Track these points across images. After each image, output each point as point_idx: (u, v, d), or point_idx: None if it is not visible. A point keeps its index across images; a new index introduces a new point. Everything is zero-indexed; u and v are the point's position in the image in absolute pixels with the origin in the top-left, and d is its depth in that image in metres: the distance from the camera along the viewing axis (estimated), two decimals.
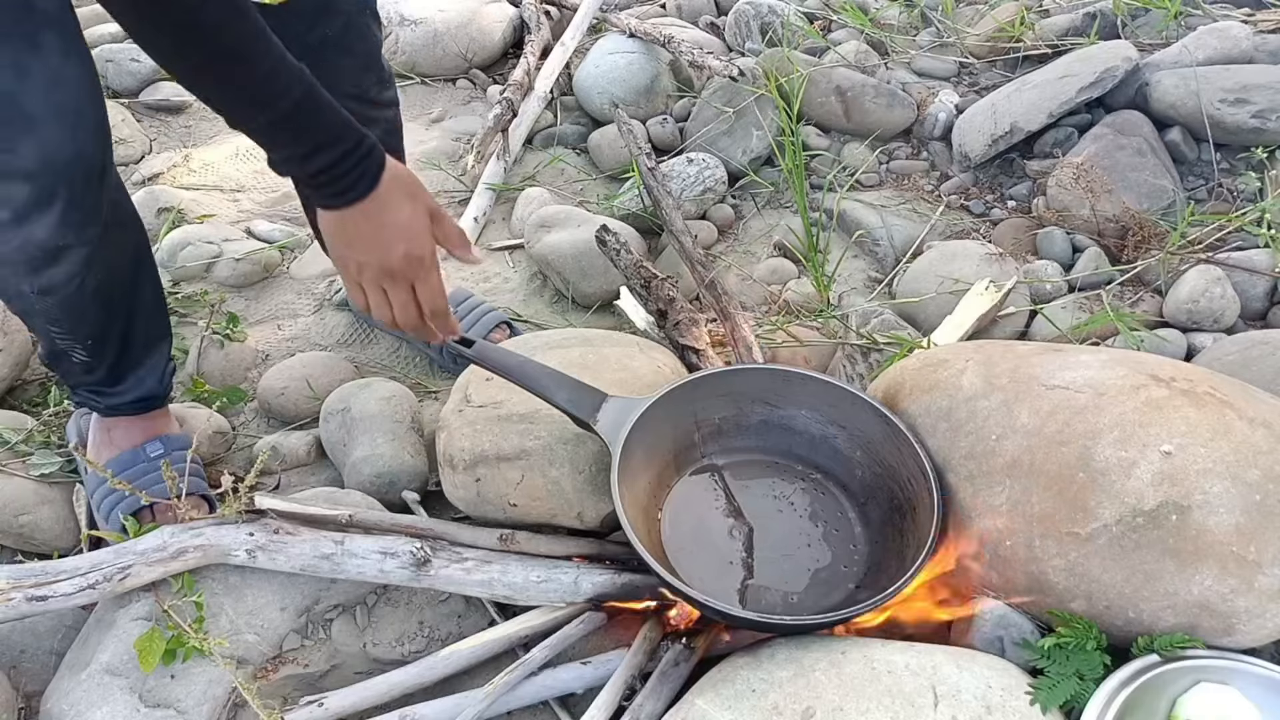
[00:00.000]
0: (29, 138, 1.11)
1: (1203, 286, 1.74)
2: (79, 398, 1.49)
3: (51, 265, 1.23)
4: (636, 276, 1.74)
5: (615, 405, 1.30)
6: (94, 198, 1.22)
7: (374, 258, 1.13)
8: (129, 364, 1.44)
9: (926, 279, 1.90)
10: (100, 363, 1.41)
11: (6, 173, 1.13)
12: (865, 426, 1.35)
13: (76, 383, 1.46)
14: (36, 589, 1.20)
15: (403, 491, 1.53)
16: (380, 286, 1.15)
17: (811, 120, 2.40)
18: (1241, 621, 1.07)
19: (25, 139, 1.11)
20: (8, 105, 1.09)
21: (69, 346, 1.37)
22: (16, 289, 1.27)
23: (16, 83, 1.09)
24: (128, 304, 1.39)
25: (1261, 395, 1.22)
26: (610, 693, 1.18)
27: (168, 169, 2.45)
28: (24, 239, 1.18)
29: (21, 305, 1.32)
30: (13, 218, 1.17)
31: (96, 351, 1.39)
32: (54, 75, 1.11)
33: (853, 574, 1.29)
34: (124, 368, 1.44)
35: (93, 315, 1.34)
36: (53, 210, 1.17)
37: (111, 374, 1.43)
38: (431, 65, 2.78)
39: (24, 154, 1.12)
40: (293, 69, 1.05)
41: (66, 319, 1.32)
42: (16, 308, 1.35)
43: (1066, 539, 1.11)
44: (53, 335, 1.35)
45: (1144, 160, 2.01)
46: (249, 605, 1.31)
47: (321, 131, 1.07)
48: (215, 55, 0.99)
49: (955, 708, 1.04)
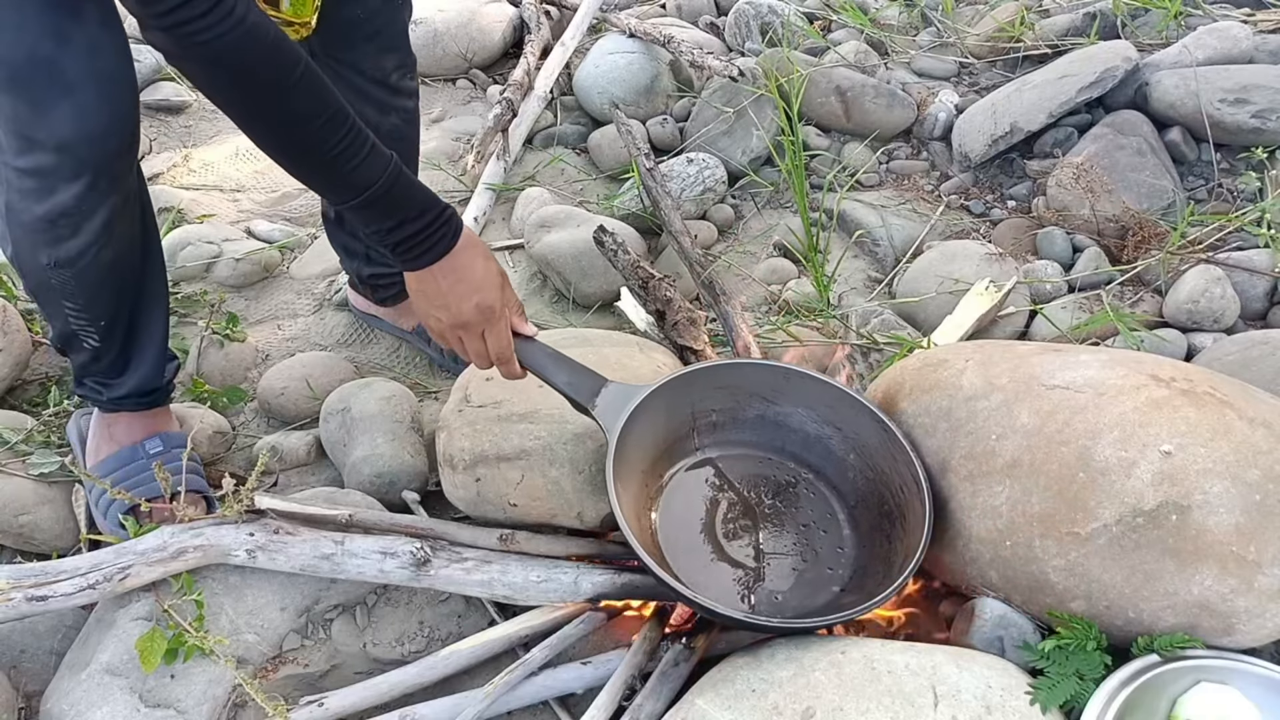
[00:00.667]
0: (65, 104, 1.13)
1: (1203, 286, 1.74)
2: (82, 391, 1.49)
3: (73, 236, 1.25)
4: (634, 277, 1.74)
5: (614, 391, 1.30)
6: (124, 164, 1.24)
7: (447, 312, 1.23)
8: (133, 352, 1.44)
9: (926, 279, 1.90)
10: (110, 346, 1.41)
11: (38, 140, 1.15)
12: (861, 430, 1.35)
13: (84, 372, 1.46)
14: (36, 589, 1.20)
15: (403, 491, 1.53)
16: (457, 335, 1.26)
17: (811, 120, 2.40)
18: (1241, 621, 1.07)
19: (61, 105, 1.13)
20: (46, 71, 1.11)
21: (81, 328, 1.37)
22: (35, 261, 1.29)
23: (57, 49, 1.10)
24: (137, 283, 1.39)
25: (1261, 395, 1.22)
26: (610, 693, 1.18)
27: (168, 169, 2.45)
28: (50, 207, 1.20)
29: (37, 280, 1.33)
30: (40, 186, 1.18)
31: (107, 334, 1.39)
32: (93, 42, 1.13)
33: (838, 576, 1.29)
34: (129, 356, 1.44)
35: (106, 292, 1.35)
36: (80, 180, 1.19)
37: (119, 360, 1.43)
38: (431, 65, 2.78)
39: (58, 121, 1.14)
40: (382, 157, 1.14)
41: (82, 294, 1.33)
42: (32, 284, 1.36)
43: (1066, 539, 1.11)
44: (67, 314, 1.36)
45: (1144, 160, 2.02)
46: (249, 605, 1.31)
47: (407, 208, 1.18)
48: (311, 155, 1.12)
49: (955, 708, 1.04)
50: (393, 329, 1.89)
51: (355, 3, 1.40)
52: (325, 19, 1.37)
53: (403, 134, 1.56)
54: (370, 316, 1.90)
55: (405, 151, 1.61)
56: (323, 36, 1.40)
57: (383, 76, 1.48)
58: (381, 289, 1.79)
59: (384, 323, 1.89)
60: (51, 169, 1.17)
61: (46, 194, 1.20)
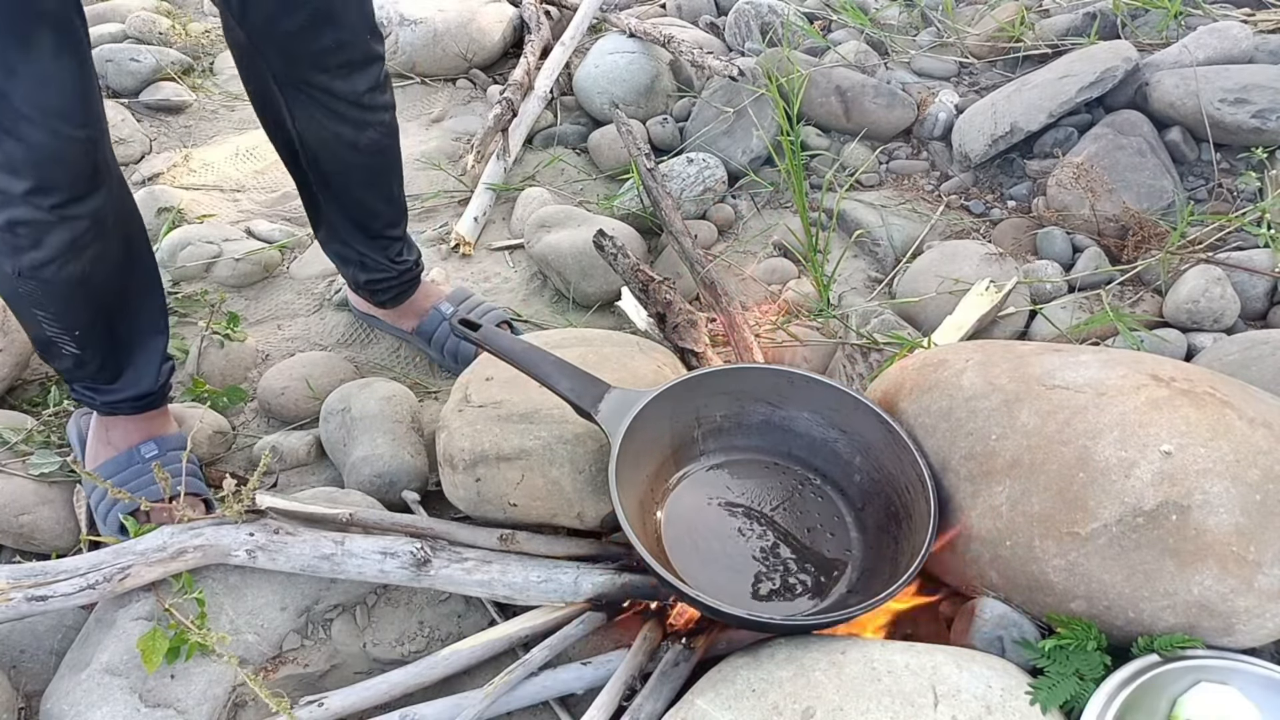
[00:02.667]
0: (9, 140, 1.15)
1: (1203, 286, 1.74)
2: (77, 395, 1.49)
3: (34, 248, 1.25)
4: (635, 280, 1.74)
5: (617, 397, 1.30)
6: (85, 188, 1.24)
7: None
8: (124, 360, 1.44)
9: (926, 279, 1.90)
10: (90, 356, 1.41)
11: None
12: (866, 432, 1.35)
13: (71, 377, 1.46)
14: (36, 589, 1.20)
15: (403, 491, 1.53)
16: None
17: (811, 120, 2.40)
18: (1241, 621, 1.07)
19: (6, 141, 1.15)
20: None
21: (57, 334, 1.37)
22: (1, 268, 1.29)
23: (5, 81, 1.12)
24: (118, 299, 1.39)
25: (1261, 395, 1.22)
26: (610, 693, 1.18)
27: (168, 169, 2.45)
28: (7, 217, 1.21)
29: (8, 287, 1.33)
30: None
31: (85, 343, 1.39)
32: (42, 76, 1.13)
33: (846, 578, 1.29)
34: (119, 364, 1.44)
35: (79, 305, 1.35)
36: (36, 197, 1.20)
37: (105, 369, 1.43)
38: (431, 65, 2.78)
39: (8, 150, 1.16)
40: None
41: (51, 304, 1.33)
42: (4, 290, 1.36)
43: (1066, 539, 1.11)
44: (40, 321, 1.36)
45: (1144, 160, 2.01)
46: (249, 605, 1.31)
47: None
48: None
49: (955, 708, 1.04)
50: (392, 329, 1.89)
51: (327, 33, 1.40)
52: (296, 49, 1.38)
53: (381, 146, 1.58)
54: (369, 317, 1.91)
55: (386, 161, 1.63)
56: (294, 65, 1.42)
57: (355, 98, 1.49)
58: (380, 293, 1.79)
59: (383, 323, 1.89)
60: (4, 185, 1.19)
61: (3, 204, 1.20)
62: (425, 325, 1.82)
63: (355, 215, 1.66)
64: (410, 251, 1.78)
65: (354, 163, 1.57)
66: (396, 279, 1.77)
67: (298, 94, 1.46)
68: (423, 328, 1.82)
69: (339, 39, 1.42)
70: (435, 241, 2.24)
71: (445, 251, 2.20)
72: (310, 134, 1.51)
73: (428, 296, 1.84)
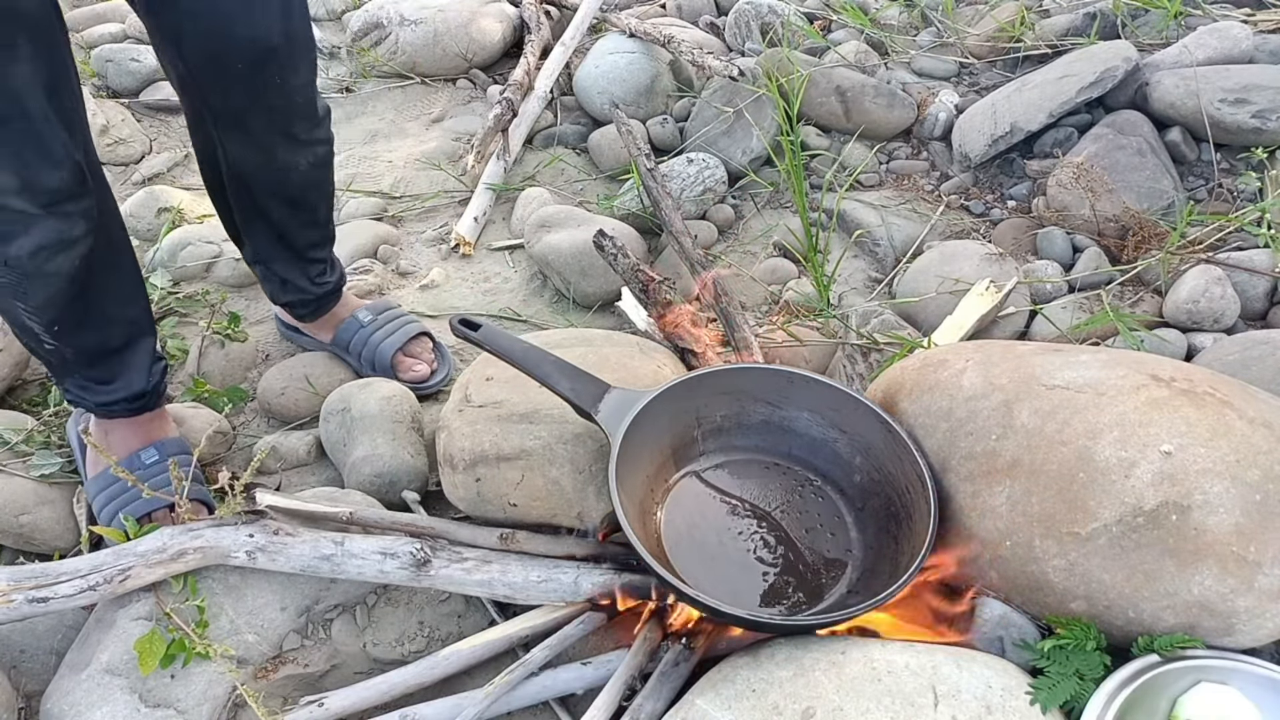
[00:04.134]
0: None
1: (1203, 286, 1.74)
2: (70, 397, 1.48)
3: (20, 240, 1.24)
4: (635, 281, 1.74)
5: (617, 397, 1.30)
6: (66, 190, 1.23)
7: None
8: (110, 360, 1.44)
9: (926, 279, 1.90)
10: (73, 355, 1.40)
11: None
12: (866, 432, 1.35)
13: (60, 374, 1.46)
14: (37, 590, 1.20)
15: (403, 491, 1.53)
16: None
17: (811, 120, 2.40)
18: (1241, 621, 1.07)
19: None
20: None
21: (35, 323, 1.35)
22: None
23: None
24: (100, 296, 1.38)
25: (1261, 395, 1.22)
26: (610, 693, 1.18)
27: (168, 169, 2.45)
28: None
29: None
30: None
31: (62, 336, 1.37)
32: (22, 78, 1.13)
33: (846, 578, 1.29)
34: (108, 365, 1.44)
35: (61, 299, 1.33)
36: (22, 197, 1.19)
37: (91, 367, 1.43)
38: (431, 65, 2.78)
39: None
40: None
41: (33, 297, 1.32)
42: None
43: (1066, 539, 1.11)
44: (18, 310, 1.34)
45: (1144, 160, 2.01)
46: (249, 605, 1.31)
47: None
48: None
49: (955, 708, 1.04)
50: (313, 342, 1.88)
51: (259, 77, 1.38)
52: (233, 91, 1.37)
53: (314, 176, 1.59)
54: (292, 330, 1.90)
55: (320, 188, 1.63)
56: (231, 117, 1.42)
57: (293, 134, 1.50)
58: (297, 308, 1.79)
59: (304, 336, 1.88)
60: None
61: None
62: (341, 334, 1.80)
63: (280, 237, 1.66)
64: (332, 273, 1.78)
65: (282, 193, 1.57)
66: (315, 300, 1.77)
67: (231, 131, 1.46)
68: (339, 337, 1.81)
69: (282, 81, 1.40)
70: (435, 242, 2.24)
71: (445, 252, 2.20)
72: (240, 165, 1.52)
73: (346, 306, 1.83)
